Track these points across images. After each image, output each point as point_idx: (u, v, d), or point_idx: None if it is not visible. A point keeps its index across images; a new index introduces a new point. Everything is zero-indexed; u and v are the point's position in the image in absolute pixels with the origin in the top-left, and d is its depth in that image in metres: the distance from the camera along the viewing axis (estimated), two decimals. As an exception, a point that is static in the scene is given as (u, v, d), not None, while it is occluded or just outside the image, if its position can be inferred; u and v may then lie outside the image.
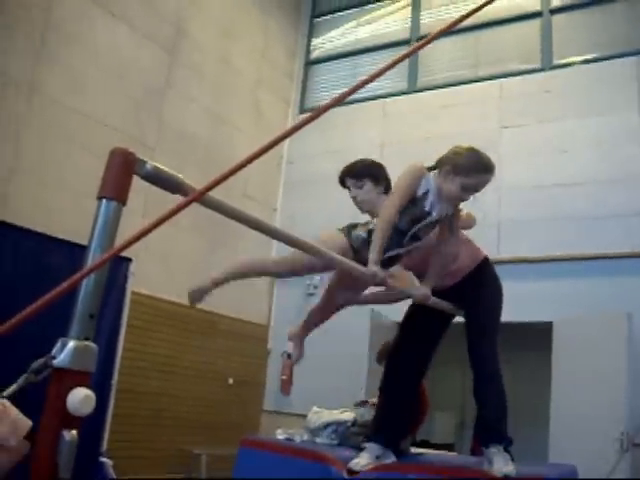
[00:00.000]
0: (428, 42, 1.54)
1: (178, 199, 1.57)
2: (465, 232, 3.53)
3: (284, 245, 2.33)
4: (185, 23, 7.21)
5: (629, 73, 6.78)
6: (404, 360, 3.43)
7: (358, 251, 3.04)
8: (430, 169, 2.98)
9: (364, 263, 2.82)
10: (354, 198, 3.35)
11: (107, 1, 6.22)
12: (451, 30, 6.14)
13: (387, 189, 3.32)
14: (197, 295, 3.14)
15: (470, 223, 3.53)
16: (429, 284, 3.11)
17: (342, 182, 3.39)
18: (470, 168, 2.86)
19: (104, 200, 1.63)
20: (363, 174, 3.34)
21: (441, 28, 1.56)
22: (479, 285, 3.35)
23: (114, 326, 5.16)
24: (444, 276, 3.24)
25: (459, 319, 3.44)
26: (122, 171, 1.66)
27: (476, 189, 2.96)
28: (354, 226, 3.15)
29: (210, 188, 1.38)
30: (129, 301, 5.47)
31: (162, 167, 1.75)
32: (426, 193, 2.94)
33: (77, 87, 5.89)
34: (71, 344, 1.50)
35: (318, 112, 1.40)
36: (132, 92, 6.45)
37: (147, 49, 6.66)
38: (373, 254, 2.76)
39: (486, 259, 3.47)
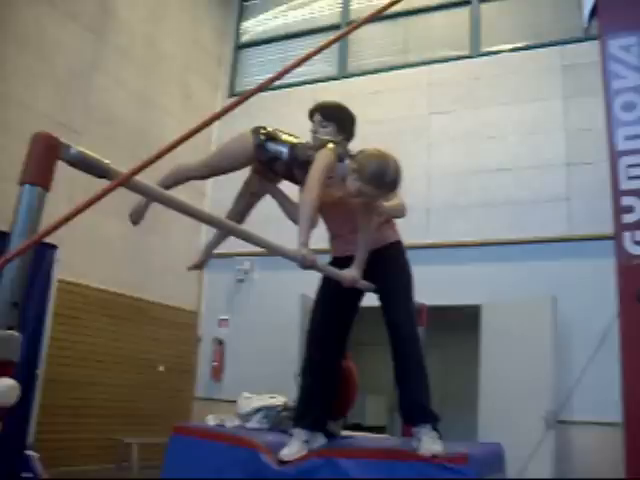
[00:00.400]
0: (357, 27, 1.54)
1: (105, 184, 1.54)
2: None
3: (213, 230, 2.31)
4: (111, 2, 7.02)
5: (554, 62, 6.93)
6: (321, 337, 3.42)
7: (267, 162, 3.19)
8: (352, 157, 3.00)
9: (271, 172, 3.14)
10: (313, 132, 3.46)
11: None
12: (381, 16, 6.17)
13: (347, 140, 3.45)
14: (136, 215, 3.22)
15: (399, 212, 3.56)
16: (357, 267, 3.13)
17: (311, 114, 3.51)
18: (371, 180, 2.86)
19: (27, 186, 1.57)
20: (333, 117, 3.48)
21: (371, 12, 1.57)
22: (391, 266, 3.39)
23: (39, 315, 5.01)
24: (351, 243, 3.29)
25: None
26: (45, 156, 1.61)
27: (372, 199, 3.02)
28: (274, 137, 3.20)
29: (137, 171, 1.35)
30: (55, 289, 5.33)
31: (87, 152, 1.70)
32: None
33: (-1, 70, 5.69)
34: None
35: (246, 95, 1.39)
36: (57, 74, 6.25)
37: (71, 29, 6.45)
38: (301, 237, 2.77)
39: (399, 242, 3.52)
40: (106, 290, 6.51)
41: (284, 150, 3.16)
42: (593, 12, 1.28)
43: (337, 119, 3.48)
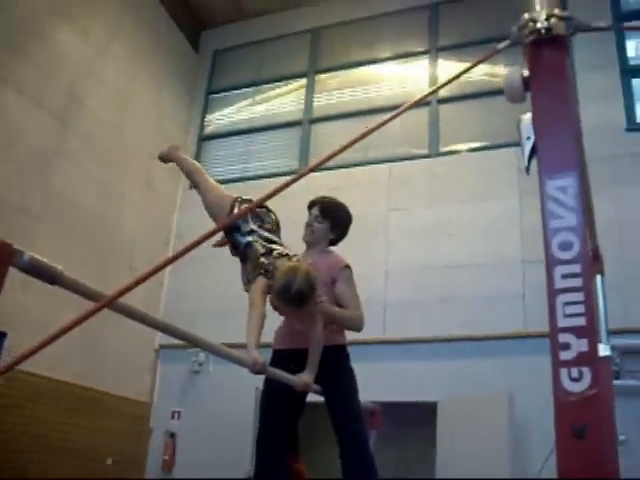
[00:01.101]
0: (401, 112, 1.63)
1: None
2: None
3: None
4: (78, 91, 7.10)
5: (510, 162, 7.12)
6: (270, 436, 3.42)
7: (229, 232, 3.31)
8: None
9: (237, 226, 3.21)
10: (307, 224, 3.71)
11: (-1, 67, 6.08)
12: (342, 114, 6.31)
13: (337, 240, 3.75)
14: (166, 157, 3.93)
15: (354, 324, 3.63)
16: (310, 373, 3.16)
17: (310, 206, 3.74)
18: (277, 294, 2.99)
19: (-23, 291, 1.57)
20: (330, 215, 3.70)
21: (416, 99, 1.65)
22: (336, 370, 3.45)
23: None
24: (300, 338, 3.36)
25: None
26: (-2, 263, 1.61)
27: (282, 310, 3.17)
28: (248, 202, 3.37)
29: (122, 293, 1.34)
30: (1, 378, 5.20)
31: (39, 258, 1.69)
32: None
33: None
34: None
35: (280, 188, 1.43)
36: (19, 159, 6.25)
37: (37, 116, 6.49)
38: (249, 342, 2.81)
39: (344, 346, 3.58)
40: (55, 379, 6.34)
41: (242, 241, 3.22)
42: (532, 153, 1.35)
43: (334, 218, 3.61)
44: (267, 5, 9.25)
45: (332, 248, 3.84)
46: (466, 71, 1.59)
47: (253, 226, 3.26)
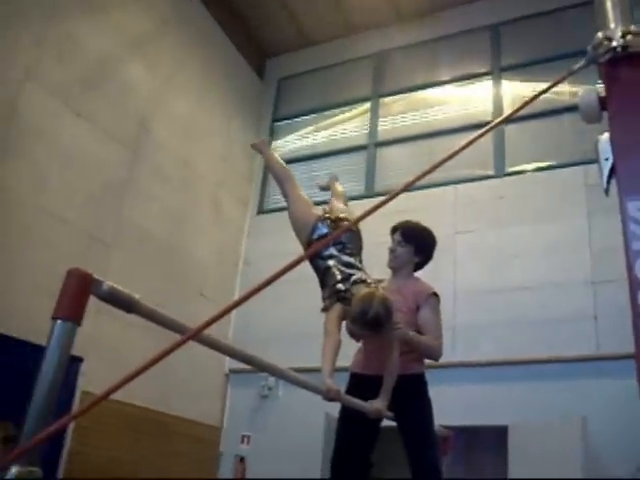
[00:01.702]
0: (500, 123, 1.65)
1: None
2: None
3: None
4: (149, 122, 7.31)
5: (577, 181, 7.01)
6: (344, 459, 3.42)
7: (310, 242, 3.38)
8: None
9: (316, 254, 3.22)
10: (391, 250, 3.71)
11: (73, 100, 6.27)
12: (406, 137, 6.30)
13: (422, 263, 3.73)
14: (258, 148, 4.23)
15: (433, 352, 3.60)
16: (383, 400, 3.15)
17: (393, 231, 3.75)
18: (354, 319, 2.98)
19: (59, 321, 1.61)
20: (413, 239, 3.69)
21: (518, 106, 1.66)
22: (413, 399, 3.42)
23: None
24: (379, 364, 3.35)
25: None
26: (78, 292, 1.65)
27: (361, 334, 3.15)
28: (331, 220, 3.42)
29: (206, 326, 1.36)
30: (78, 401, 5.33)
31: (118, 287, 1.74)
32: None
33: (38, 183, 5.86)
34: (13, 471, 1.45)
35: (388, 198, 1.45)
36: (93, 189, 6.44)
37: (110, 147, 6.70)
38: (325, 369, 2.82)
39: (423, 375, 3.54)
40: (129, 403, 6.45)
41: (321, 265, 3.26)
42: (611, 174, 1.33)
43: (416, 242, 3.62)
44: (329, 32, 9.37)
45: (418, 274, 3.83)
46: (546, 91, 1.57)
47: (333, 250, 3.27)
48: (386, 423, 3.45)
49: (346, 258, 3.23)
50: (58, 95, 6.09)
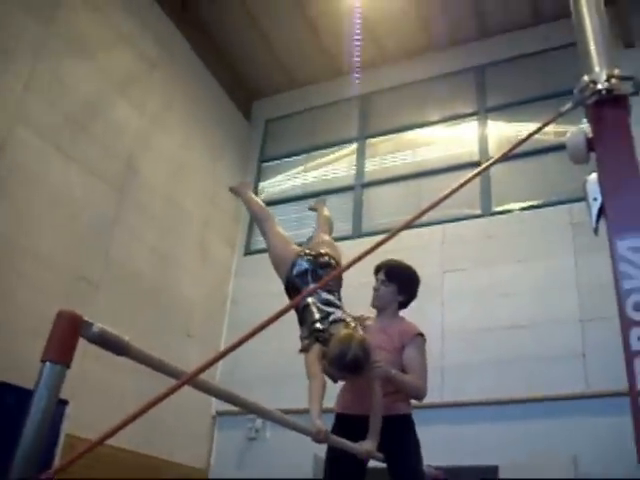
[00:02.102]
0: (491, 165, 1.73)
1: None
2: None
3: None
4: (135, 162, 7.32)
5: (563, 220, 7.08)
6: None
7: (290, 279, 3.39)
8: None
9: (295, 290, 3.26)
10: (375, 289, 3.72)
11: (61, 141, 6.28)
12: (394, 177, 6.33)
13: (406, 302, 3.75)
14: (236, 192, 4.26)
15: (416, 393, 3.60)
16: (372, 440, 3.13)
17: (376, 271, 3.74)
18: (332, 362, 3.00)
19: (48, 363, 1.60)
20: (396, 278, 3.70)
21: (505, 151, 1.69)
22: (400, 441, 3.40)
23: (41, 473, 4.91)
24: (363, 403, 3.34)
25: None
26: (68, 334, 1.64)
27: (340, 377, 3.17)
28: (310, 256, 3.48)
29: (201, 371, 1.36)
30: (62, 445, 5.25)
31: (108, 329, 1.73)
32: None
33: (25, 224, 5.83)
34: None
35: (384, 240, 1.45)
36: (79, 229, 6.41)
37: (97, 187, 6.68)
38: (313, 411, 2.81)
39: (409, 416, 3.53)
40: (115, 446, 6.35)
41: (300, 303, 3.23)
42: (600, 213, 1.35)
43: (400, 280, 3.63)
44: (316, 73, 9.48)
45: (405, 312, 3.84)
46: (536, 132, 1.60)
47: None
48: (373, 464, 3.43)
49: (325, 295, 3.24)
50: (46, 136, 6.10)
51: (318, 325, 3.09)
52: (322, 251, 3.52)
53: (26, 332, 5.04)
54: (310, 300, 3.21)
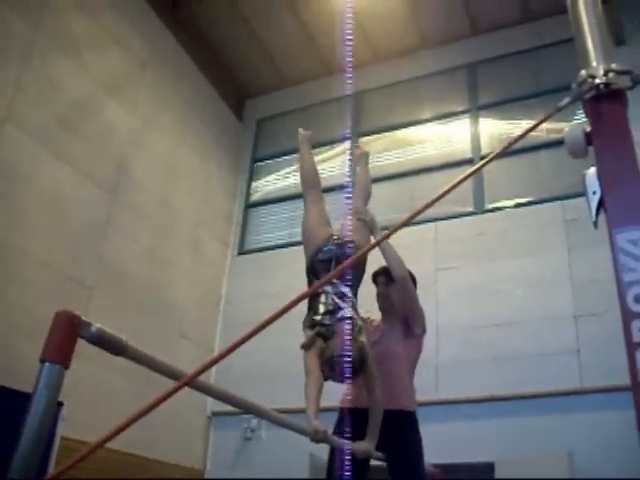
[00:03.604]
0: (488, 162, 1.72)
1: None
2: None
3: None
4: (127, 163, 7.30)
5: (556, 216, 7.10)
6: None
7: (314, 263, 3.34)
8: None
9: (315, 275, 3.22)
10: (381, 294, 3.77)
11: (52, 142, 6.26)
12: (389, 175, 6.32)
13: None
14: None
15: (400, 266, 3.72)
16: (371, 440, 3.11)
17: (374, 277, 3.78)
18: (327, 362, 3.02)
19: (47, 363, 1.59)
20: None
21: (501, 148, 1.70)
22: (403, 438, 3.39)
23: (38, 475, 4.88)
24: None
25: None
26: (66, 334, 1.63)
27: (326, 375, 3.12)
28: (337, 243, 3.42)
29: (200, 373, 1.36)
30: (57, 447, 5.23)
31: (106, 330, 1.72)
32: None
33: (17, 225, 5.81)
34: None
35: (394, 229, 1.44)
36: (72, 230, 6.39)
37: (89, 188, 6.66)
38: (309, 410, 2.80)
39: (413, 414, 3.52)
40: (110, 448, 6.31)
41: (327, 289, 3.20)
42: (599, 207, 1.35)
43: None
44: (308, 72, 9.48)
45: None
46: (534, 128, 1.61)
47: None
48: (375, 462, 3.42)
49: (342, 288, 3.21)
50: (36, 137, 6.08)
51: (321, 318, 3.08)
52: (349, 239, 3.47)
53: (18, 334, 5.03)
54: (327, 288, 3.19)
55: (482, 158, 7.86)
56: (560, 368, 6.39)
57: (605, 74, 1.43)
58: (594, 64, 1.47)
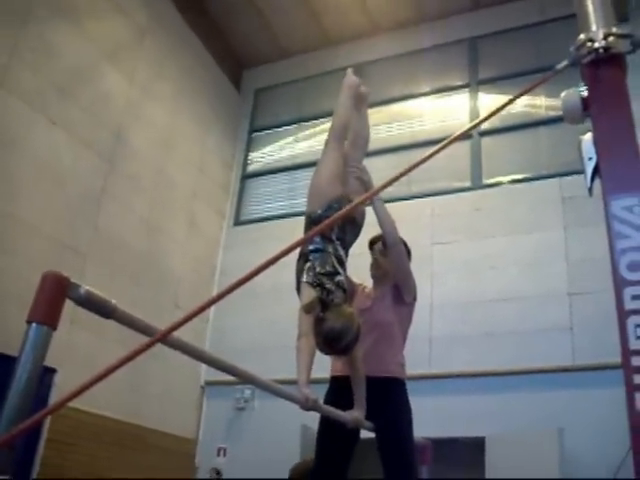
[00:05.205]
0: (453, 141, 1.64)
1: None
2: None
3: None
4: (124, 131, 7.24)
5: (553, 193, 7.07)
6: (325, 471, 3.36)
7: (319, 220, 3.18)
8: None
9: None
10: (375, 260, 3.72)
11: (48, 108, 6.19)
12: (386, 149, 6.28)
13: None
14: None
15: (393, 229, 3.68)
16: (359, 408, 3.11)
17: (371, 244, 3.75)
18: (325, 338, 2.90)
19: (34, 324, 1.57)
20: None
21: (455, 134, 1.70)
22: (392, 406, 3.38)
23: (31, 440, 4.91)
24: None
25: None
26: (54, 295, 1.61)
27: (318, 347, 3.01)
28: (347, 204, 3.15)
29: (174, 328, 1.34)
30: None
31: (95, 291, 1.70)
32: None
33: (11, 191, 5.75)
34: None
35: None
36: (67, 198, 6.35)
37: (85, 156, 6.60)
38: (300, 378, 2.78)
39: (403, 382, 3.50)
40: (103, 416, 6.35)
41: (313, 241, 3.13)
42: (594, 173, 1.33)
43: None
44: (307, 43, 9.39)
45: None
46: (520, 96, 1.58)
47: (333, 236, 3.21)
48: (364, 434, 3.41)
49: (340, 252, 3.17)
50: (32, 103, 6.01)
51: (324, 279, 3.01)
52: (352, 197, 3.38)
53: (11, 300, 5.01)
54: (330, 249, 3.13)
55: (481, 133, 7.83)
56: (553, 345, 6.41)
57: (605, 38, 1.40)
58: (594, 28, 1.44)
